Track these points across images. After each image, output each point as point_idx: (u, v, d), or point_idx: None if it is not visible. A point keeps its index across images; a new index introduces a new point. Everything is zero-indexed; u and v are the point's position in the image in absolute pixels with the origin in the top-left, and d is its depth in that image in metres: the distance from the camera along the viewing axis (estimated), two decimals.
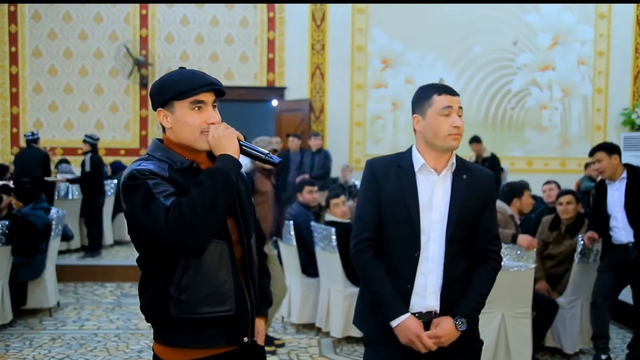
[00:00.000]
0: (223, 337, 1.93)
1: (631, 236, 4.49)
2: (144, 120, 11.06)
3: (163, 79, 1.97)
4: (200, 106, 1.92)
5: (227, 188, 1.81)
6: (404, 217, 2.29)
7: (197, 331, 1.91)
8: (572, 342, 4.73)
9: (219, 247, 1.91)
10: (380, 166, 2.39)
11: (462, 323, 2.28)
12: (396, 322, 2.28)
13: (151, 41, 10.99)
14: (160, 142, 2.00)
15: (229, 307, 1.92)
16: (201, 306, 1.89)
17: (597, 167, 4.62)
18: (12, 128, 11.02)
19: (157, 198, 1.80)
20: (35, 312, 5.82)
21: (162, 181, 1.84)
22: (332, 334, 5.12)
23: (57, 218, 5.89)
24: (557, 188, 6.43)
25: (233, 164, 1.86)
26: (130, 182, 1.85)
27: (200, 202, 1.76)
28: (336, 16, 11.02)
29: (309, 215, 5.63)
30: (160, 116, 1.97)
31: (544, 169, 11.09)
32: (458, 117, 2.30)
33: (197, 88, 1.91)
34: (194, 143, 1.93)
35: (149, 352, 4.86)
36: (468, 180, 2.34)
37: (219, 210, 1.80)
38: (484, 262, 2.38)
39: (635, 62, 11.19)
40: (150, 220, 1.79)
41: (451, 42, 11.05)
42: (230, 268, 1.94)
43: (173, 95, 1.92)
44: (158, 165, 1.89)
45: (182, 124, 1.93)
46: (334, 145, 9.90)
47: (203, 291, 1.89)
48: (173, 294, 1.88)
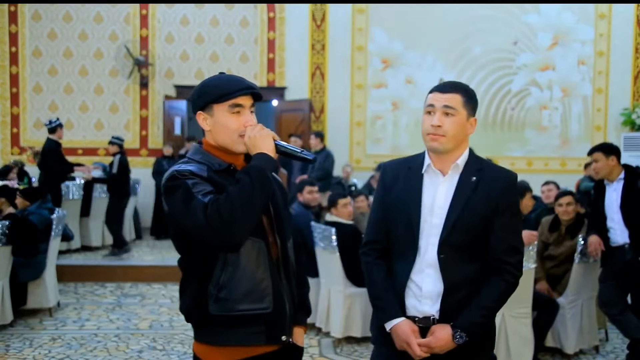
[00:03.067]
0: (262, 334, 1.96)
1: (627, 237, 4.49)
2: (144, 120, 11.05)
3: (203, 83, 2.04)
4: (238, 110, 1.98)
5: (263, 184, 1.86)
6: (406, 219, 2.22)
7: (236, 329, 1.94)
8: (572, 342, 4.73)
9: (257, 245, 1.96)
10: (390, 169, 2.34)
11: (461, 336, 2.14)
12: (389, 325, 2.23)
13: (151, 41, 10.98)
14: (199, 146, 2.06)
15: (267, 305, 1.96)
16: (240, 303, 1.93)
17: (594, 167, 4.64)
18: (12, 128, 11.01)
19: (195, 196, 1.85)
20: (35, 312, 5.82)
21: (201, 181, 1.90)
22: (332, 334, 5.13)
23: (57, 218, 5.89)
24: (556, 189, 6.44)
25: (269, 162, 1.90)
26: (171, 183, 1.91)
27: (238, 198, 1.81)
28: (336, 16, 11.02)
29: (309, 215, 5.63)
30: (199, 119, 2.02)
31: (544, 169, 11.08)
32: (441, 116, 2.16)
33: (236, 92, 1.97)
34: (232, 146, 2.00)
35: (149, 352, 4.86)
36: (477, 182, 2.19)
37: (256, 206, 1.85)
38: (496, 275, 2.19)
39: (635, 62, 11.18)
40: (190, 218, 1.84)
41: (451, 42, 11.04)
42: (267, 266, 1.98)
43: (212, 99, 1.98)
44: (197, 166, 1.95)
45: (220, 127, 1.99)
46: (334, 145, 9.88)
47: (241, 288, 1.93)
48: (212, 291, 1.92)
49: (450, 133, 2.17)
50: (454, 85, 2.24)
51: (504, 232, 2.18)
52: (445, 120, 2.16)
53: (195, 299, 1.95)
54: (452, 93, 2.19)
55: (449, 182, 2.22)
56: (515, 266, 2.22)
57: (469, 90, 2.25)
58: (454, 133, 2.17)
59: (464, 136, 2.22)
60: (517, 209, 2.28)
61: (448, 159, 2.22)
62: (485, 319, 2.19)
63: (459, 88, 2.22)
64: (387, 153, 10.33)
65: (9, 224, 5.26)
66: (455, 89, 2.21)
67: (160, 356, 4.81)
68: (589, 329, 4.86)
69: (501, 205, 2.18)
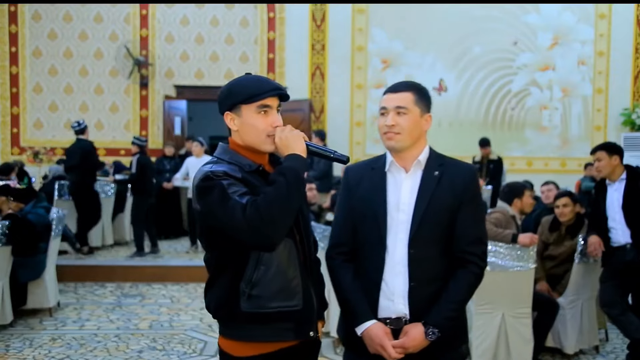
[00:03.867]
0: (291, 331, 2.03)
1: (628, 237, 4.48)
2: (144, 120, 11.06)
3: (231, 84, 2.07)
4: (266, 110, 2.01)
5: (299, 185, 1.91)
6: (372, 218, 2.22)
7: (267, 325, 2.00)
8: (572, 342, 4.73)
9: (288, 244, 2.02)
10: (354, 171, 2.35)
11: (433, 332, 2.12)
12: (360, 329, 2.19)
13: (151, 41, 10.99)
14: (226, 146, 2.10)
15: (297, 302, 2.03)
16: (272, 301, 1.99)
17: (596, 165, 4.63)
18: (12, 128, 11.02)
19: (232, 197, 1.88)
20: (35, 312, 5.82)
21: (235, 182, 1.93)
22: (332, 334, 5.12)
23: (57, 218, 5.89)
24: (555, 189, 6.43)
25: (302, 163, 1.95)
26: (205, 183, 1.93)
27: (276, 199, 1.85)
28: (336, 16, 11.02)
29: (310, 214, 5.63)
30: (227, 119, 2.05)
31: (544, 169, 11.09)
32: (394, 116, 2.19)
33: (264, 93, 2.00)
34: (260, 145, 2.03)
35: (149, 352, 4.86)
36: (440, 176, 2.21)
37: (293, 206, 1.90)
38: (462, 267, 2.19)
39: (635, 62, 11.18)
40: (228, 218, 1.87)
41: (451, 42, 11.05)
42: (297, 265, 2.05)
43: (241, 100, 2.01)
44: (229, 167, 1.98)
45: (248, 127, 2.02)
46: (334, 145, 9.87)
47: (274, 286, 1.99)
48: (244, 289, 1.97)
49: (405, 130, 2.20)
50: (405, 84, 2.28)
51: (467, 224, 2.20)
52: (398, 119, 2.20)
53: (225, 296, 2.00)
54: (403, 92, 2.23)
55: (412, 178, 2.24)
56: (480, 257, 2.22)
57: (420, 89, 2.28)
58: (409, 130, 2.20)
59: (420, 133, 2.25)
60: (480, 200, 2.30)
61: (408, 156, 2.25)
62: (456, 312, 2.19)
63: (410, 87, 2.27)
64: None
65: (9, 224, 5.26)
66: (406, 88, 2.26)
67: (160, 356, 4.81)
68: (589, 329, 4.85)
69: (464, 197, 2.20)
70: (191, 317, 5.83)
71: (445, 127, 11.00)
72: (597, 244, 4.55)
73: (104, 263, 7.76)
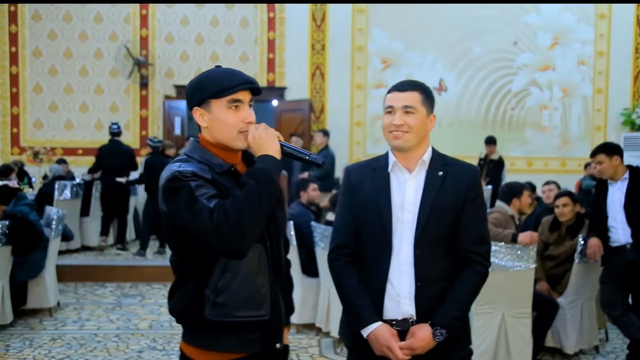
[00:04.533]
0: (257, 342, 1.91)
1: (629, 236, 4.48)
2: (144, 120, 11.06)
3: (200, 77, 1.94)
4: (237, 105, 1.89)
5: (270, 188, 1.79)
6: (376, 219, 2.20)
7: (231, 335, 1.89)
8: (572, 342, 4.73)
9: (258, 250, 1.89)
10: (355, 171, 2.33)
11: (441, 333, 2.12)
12: (366, 331, 2.17)
13: (151, 41, 10.99)
14: (197, 143, 1.97)
15: (265, 312, 1.91)
16: (238, 310, 1.87)
17: (598, 169, 4.61)
18: (12, 128, 11.02)
19: (199, 200, 1.77)
20: (35, 312, 5.82)
21: (204, 183, 1.82)
22: (332, 334, 5.12)
23: (57, 218, 5.88)
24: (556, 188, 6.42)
25: (275, 165, 1.83)
26: (173, 184, 1.82)
27: (245, 203, 1.75)
28: (336, 16, 11.02)
29: (309, 214, 5.63)
30: (196, 115, 1.93)
31: (544, 169, 11.09)
32: (402, 115, 2.18)
33: (235, 86, 1.88)
34: (231, 142, 1.91)
35: (149, 352, 4.86)
36: (444, 176, 2.21)
37: (263, 211, 1.78)
38: (467, 267, 2.19)
39: (635, 62, 11.18)
40: (195, 222, 1.76)
41: (451, 42, 11.05)
42: (267, 272, 1.92)
43: (210, 94, 1.89)
44: (199, 166, 1.86)
45: (218, 123, 1.90)
46: (334, 145, 9.87)
47: (241, 294, 1.87)
48: (209, 296, 1.85)
49: (413, 129, 2.19)
50: (411, 83, 2.26)
51: (471, 224, 2.20)
52: (406, 118, 2.19)
53: (190, 302, 1.88)
54: (411, 91, 2.22)
55: (416, 178, 2.23)
56: (484, 256, 2.22)
57: (426, 88, 2.27)
58: (416, 130, 2.20)
59: (425, 133, 2.24)
60: (482, 200, 2.28)
61: (413, 156, 2.24)
62: (462, 312, 2.19)
63: (416, 86, 2.25)
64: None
65: (9, 224, 5.25)
66: (413, 87, 2.24)
67: (160, 356, 4.81)
68: (589, 329, 4.85)
69: (468, 197, 2.20)
70: None
71: (445, 127, 11.00)
72: (597, 247, 4.54)
73: (104, 263, 7.77)
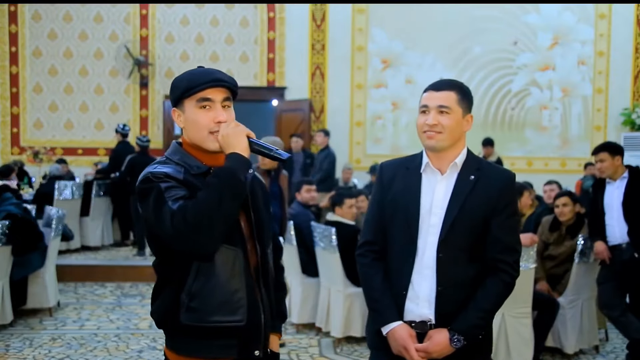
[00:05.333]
0: (234, 348, 1.88)
1: (625, 235, 4.49)
2: (144, 120, 11.05)
3: (177, 78, 1.94)
4: (207, 104, 1.86)
5: (234, 188, 1.74)
6: (404, 219, 2.18)
7: (207, 340, 1.86)
8: (572, 342, 4.73)
9: (232, 253, 1.85)
10: (388, 168, 2.30)
11: (458, 340, 2.09)
12: (386, 329, 2.18)
13: (151, 41, 10.98)
14: (179, 145, 1.95)
15: (240, 318, 1.86)
16: (212, 315, 1.83)
17: (599, 167, 4.62)
18: (12, 128, 11.01)
19: (166, 202, 1.75)
20: (35, 312, 5.82)
21: (175, 184, 1.79)
22: (332, 334, 5.12)
23: (57, 218, 5.88)
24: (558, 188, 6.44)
25: (241, 163, 1.78)
26: (144, 186, 1.81)
27: (205, 204, 1.70)
28: (336, 16, 11.01)
29: (309, 214, 5.63)
30: (174, 116, 1.93)
31: (544, 169, 11.08)
32: (436, 115, 2.14)
33: (201, 84, 1.85)
34: (203, 143, 1.88)
35: (149, 352, 4.86)
36: (475, 180, 2.15)
37: (225, 212, 1.73)
38: (493, 275, 2.15)
39: (635, 62, 11.18)
40: (159, 225, 1.75)
41: (451, 42, 11.04)
42: (243, 276, 1.87)
43: (180, 93, 1.88)
44: (174, 168, 1.85)
45: (191, 123, 1.88)
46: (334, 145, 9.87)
47: (214, 299, 1.83)
48: (184, 300, 1.83)
49: (447, 130, 2.14)
50: (448, 83, 2.22)
51: (501, 232, 2.14)
52: (440, 118, 2.14)
53: (167, 306, 1.87)
54: (447, 91, 2.17)
55: (447, 180, 2.19)
56: (512, 266, 2.16)
57: (463, 88, 2.22)
58: (450, 130, 2.15)
59: (460, 134, 2.19)
60: (515, 208, 2.23)
61: (446, 157, 2.19)
62: (483, 321, 2.14)
63: (453, 86, 2.20)
64: (387, 153, 10.33)
65: (9, 224, 5.25)
66: (450, 86, 2.19)
67: (160, 356, 4.81)
68: (589, 329, 4.85)
69: (499, 204, 2.14)
70: None
71: None
72: (605, 251, 4.56)
73: (104, 263, 7.77)
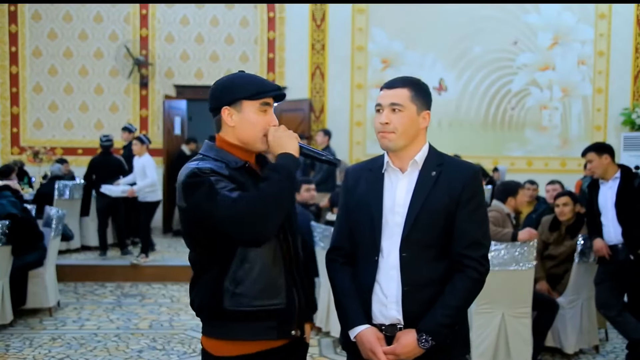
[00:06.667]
0: (274, 330, 2.00)
1: (620, 236, 4.50)
2: (144, 120, 11.05)
3: (232, 78, 2.04)
4: (267, 109, 2.02)
5: (291, 183, 1.92)
6: (368, 221, 2.15)
7: (250, 323, 1.98)
8: (572, 342, 4.73)
9: (273, 242, 2.00)
10: (353, 172, 2.29)
11: (426, 340, 2.03)
12: (353, 333, 2.15)
13: (151, 41, 10.98)
14: (212, 143, 2.07)
15: (280, 301, 2.01)
16: (256, 299, 1.97)
17: (589, 167, 4.69)
18: (12, 128, 11.01)
19: (220, 192, 1.86)
20: (35, 312, 5.82)
21: (222, 178, 1.91)
22: (332, 334, 5.13)
23: (57, 218, 5.89)
24: (560, 188, 6.44)
25: (294, 162, 1.95)
26: (193, 180, 1.91)
27: (269, 193, 1.85)
28: (336, 16, 11.01)
29: (309, 214, 5.63)
30: (224, 114, 2.01)
31: (544, 169, 11.08)
32: (389, 113, 2.11)
33: (270, 91, 2.01)
34: (254, 143, 2.02)
35: (149, 352, 4.86)
36: (437, 176, 2.11)
37: (285, 203, 1.90)
38: (459, 271, 2.08)
39: (635, 62, 11.18)
40: (219, 212, 1.84)
41: (451, 42, 11.04)
42: (282, 264, 2.03)
43: (246, 95, 1.99)
44: (215, 164, 1.97)
45: (247, 124, 2.00)
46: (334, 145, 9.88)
47: (259, 285, 1.97)
48: (229, 287, 1.95)
49: (399, 129, 2.11)
50: (401, 80, 2.20)
51: (466, 226, 2.09)
52: (393, 116, 2.12)
53: (209, 294, 1.98)
54: (399, 88, 2.16)
55: (409, 178, 2.16)
56: (478, 261, 2.09)
57: (419, 84, 2.19)
58: (403, 129, 2.12)
59: (416, 131, 2.15)
60: (481, 201, 2.16)
61: (405, 155, 2.16)
62: (451, 319, 2.06)
63: (406, 82, 2.18)
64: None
65: (9, 224, 5.25)
66: (403, 83, 2.18)
67: (160, 356, 4.81)
68: (589, 329, 4.86)
69: (463, 197, 2.09)
70: (191, 316, 5.83)
71: (445, 127, 11.00)
72: (605, 248, 4.56)
73: (104, 263, 7.76)
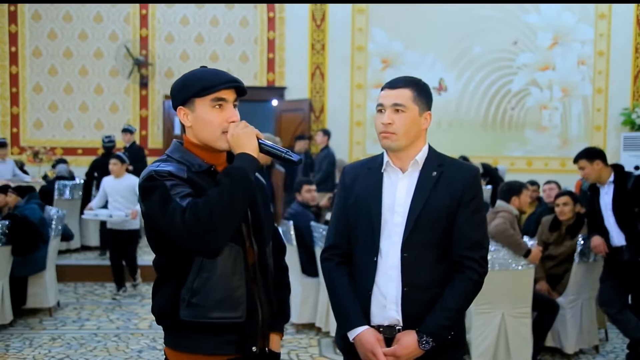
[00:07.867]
0: (232, 344, 1.89)
1: (623, 239, 4.49)
2: (144, 120, 11.05)
3: (185, 77, 1.94)
4: (221, 104, 1.88)
5: (244, 187, 1.78)
6: (367, 220, 2.13)
7: (206, 336, 1.87)
8: (572, 342, 4.73)
9: (234, 251, 1.88)
10: (351, 170, 2.27)
11: (427, 341, 2.02)
12: (352, 334, 2.11)
13: (151, 41, 10.98)
14: (180, 144, 1.97)
15: (240, 314, 1.89)
16: (212, 311, 1.86)
17: (582, 174, 4.64)
18: (12, 128, 11.01)
19: (173, 199, 1.77)
20: (35, 312, 5.82)
21: (180, 182, 1.82)
22: (332, 334, 5.12)
23: (57, 218, 5.88)
24: (557, 188, 6.43)
25: (251, 163, 1.82)
26: (148, 183, 1.83)
27: (217, 202, 1.73)
28: (336, 16, 11.02)
29: (309, 215, 5.63)
30: (180, 115, 1.93)
31: (544, 169, 11.08)
32: (391, 114, 2.11)
33: (219, 84, 1.87)
34: (214, 142, 1.90)
35: (149, 352, 4.86)
36: (438, 177, 2.10)
37: (236, 210, 1.77)
38: (459, 272, 2.08)
39: (635, 62, 11.18)
40: (167, 221, 1.77)
41: (451, 42, 11.05)
42: (243, 274, 1.90)
43: (194, 92, 1.88)
44: (176, 166, 1.87)
45: (202, 122, 1.89)
46: (334, 145, 9.89)
47: (215, 295, 1.86)
48: (185, 296, 1.86)
49: (401, 130, 2.10)
50: (404, 80, 2.20)
51: (466, 227, 2.08)
52: (395, 117, 2.11)
53: (167, 302, 1.89)
54: (402, 88, 2.15)
55: (409, 179, 2.14)
56: (479, 262, 2.09)
57: (420, 84, 2.19)
58: (405, 130, 2.11)
59: (418, 132, 2.15)
60: (481, 203, 2.16)
61: (406, 156, 2.15)
62: (451, 321, 2.07)
63: (409, 82, 2.18)
64: None
65: (9, 224, 5.25)
66: (405, 83, 2.17)
67: (160, 356, 4.81)
68: (589, 329, 4.85)
69: (463, 198, 2.09)
70: None
71: (445, 127, 11.00)
72: (602, 245, 4.56)
73: (104, 263, 7.76)
